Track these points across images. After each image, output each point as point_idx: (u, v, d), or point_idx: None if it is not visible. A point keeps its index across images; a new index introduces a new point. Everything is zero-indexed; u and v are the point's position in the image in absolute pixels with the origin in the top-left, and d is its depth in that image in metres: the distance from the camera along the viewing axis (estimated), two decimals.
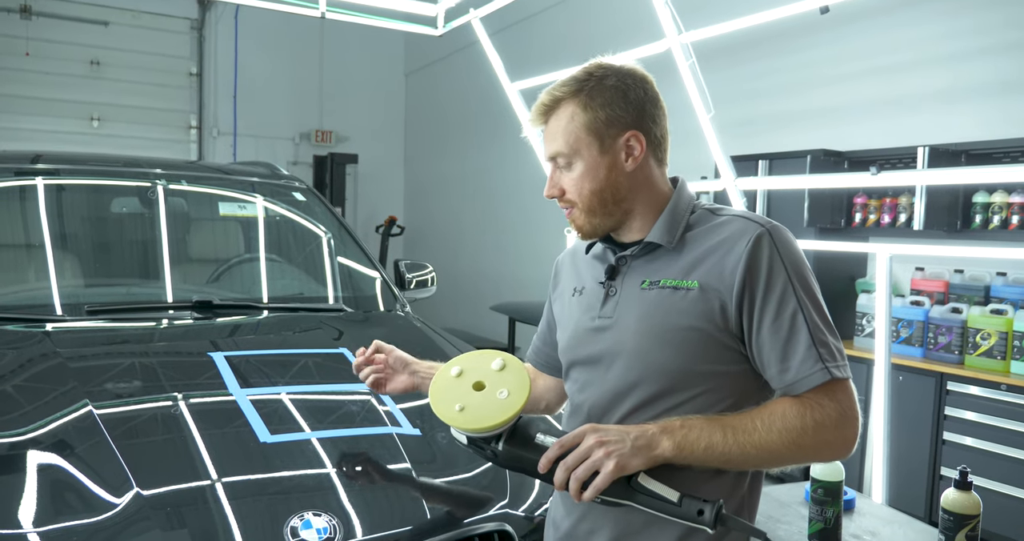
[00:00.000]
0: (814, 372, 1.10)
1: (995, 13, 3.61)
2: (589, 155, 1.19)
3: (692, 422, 1.10)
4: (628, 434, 1.08)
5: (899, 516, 1.76)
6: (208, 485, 1.48)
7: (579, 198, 1.21)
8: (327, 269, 2.98)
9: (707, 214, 1.23)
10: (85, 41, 7.86)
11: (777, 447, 1.09)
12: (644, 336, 1.17)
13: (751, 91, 4.77)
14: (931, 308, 3.61)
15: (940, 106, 3.87)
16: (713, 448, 1.08)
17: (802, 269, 1.16)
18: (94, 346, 2.22)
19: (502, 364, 1.19)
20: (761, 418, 1.10)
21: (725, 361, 1.16)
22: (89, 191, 2.89)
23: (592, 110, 1.18)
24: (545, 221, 6.29)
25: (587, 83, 1.19)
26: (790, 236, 1.18)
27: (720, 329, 1.14)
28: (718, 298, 1.14)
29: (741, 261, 1.13)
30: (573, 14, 6.40)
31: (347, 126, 9.10)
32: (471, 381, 1.18)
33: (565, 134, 1.19)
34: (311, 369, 2.11)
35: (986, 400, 3.27)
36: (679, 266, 1.19)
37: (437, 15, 3.93)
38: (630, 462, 1.06)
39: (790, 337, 1.12)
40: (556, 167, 1.23)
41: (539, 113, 1.22)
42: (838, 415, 1.10)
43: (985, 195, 3.53)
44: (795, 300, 1.12)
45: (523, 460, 1.14)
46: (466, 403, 1.15)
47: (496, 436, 1.15)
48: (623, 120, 1.19)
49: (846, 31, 4.16)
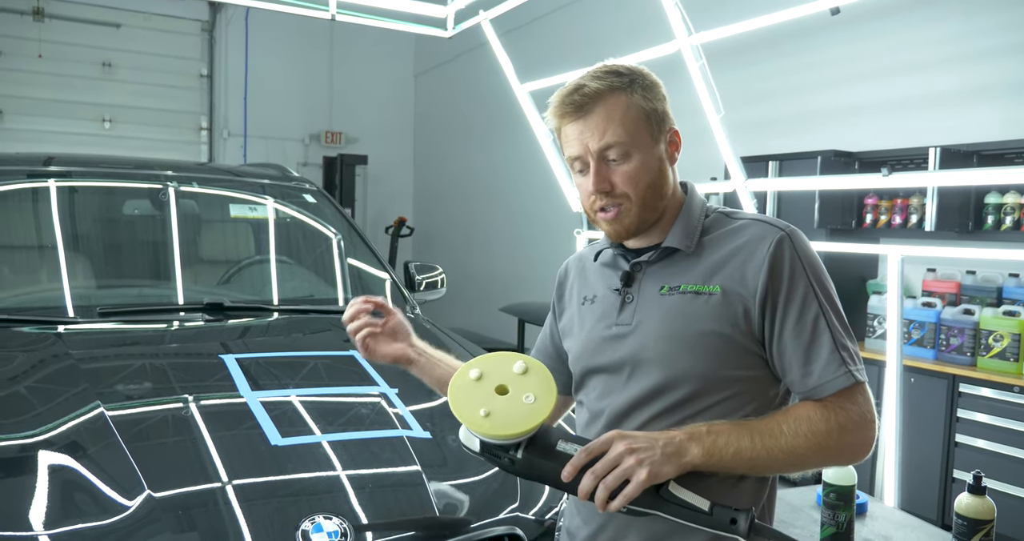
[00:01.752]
0: (838, 376, 1.10)
1: (1005, 14, 3.58)
2: (646, 146, 1.17)
3: (719, 428, 1.09)
4: (657, 441, 1.05)
5: (912, 520, 1.75)
6: (219, 488, 1.48)
7: (635, 191, 1.16)
8: (337, 271, 2.99)
9: (722, 218, 1.23)
10: (97, 43, 7.91)
11: (803, 451, 1.08)
12: (667, 342, 1.15)
13: (761, 92, 4.75)
14: (943, 309, 3.58)
15: (951, 107, 3.85)
16: (741, 454, 1.07)
17: (821, 273, 1.16)
18: (106, 348, 2.23)
19: (524, 367, 1.14)
20: (787, 422, 1.09)
21: (748, 366, 1.15)
22: (101, 193, 2.91)
23: (649, 101, 1.16)
24: (554, 222, 6.28)
25: (631, 77, 1.17)
26: (807, 240, 1.18)
27: (743, 333, 1.14)
28: (741, 302, 1.13)
29: (764, 265, 1.13)
30: (581, 15, 6.39)
31: (357, 127, 9.12)
32: (493, 385, 1.12)
33: (624, 123, 1.15)
34: (321, 371, 2.12)
35: (999, 402, 3.24)
36: (698, 271, 1.18)
37: (447, 17, 3.94)
38: (662, 470, 1.03)
39: (812, 341, 1.11)
40: (603, 161, 1.16)
41: (580, 104, 1.15)
42: (860, 418, 1.10)
43: (997, 196, 3.50)
44: (817, 304, 1.13)
45: (544, 468, 1.09)
46: (491, 408, 1.09)
47: (515, 444, 1.09)
48: (667, 116, 1.19)
49: (855, 32, 4.13)
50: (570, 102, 1.16)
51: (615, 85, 1.15)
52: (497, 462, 1.12)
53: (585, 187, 1.19)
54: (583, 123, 1.16)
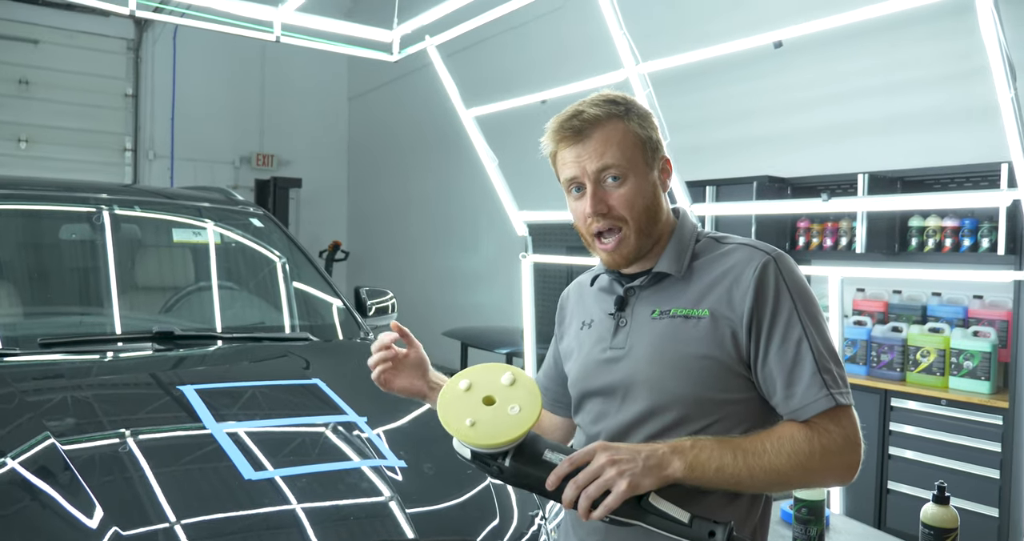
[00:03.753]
0: (819, 398, 1.12)
1: (925, 47, 3.84)
2: (642, 171, 1.21)
3: (703, 443, 1.10)
4: (639, 453, 1.08)
5: (873, 532, 1.82)
6: (192, 524, 1.42)
7: (631, 214, 1.20)
8: (289, 297, 2.92)
9: (712, 243, 1.25)
10: (12, 59, 7.57)
11: (786, 470, 1.09)
12: (658, 365, 1.18)
13: (700, 118, 4.91)
14: (873, 327, 3.77)
15: (877, 135, 4.08)
16: (724, 470, 1.08)
17: (806, 297, 1.18)
18: (53, 379, 2.11)
19: (512, 379, 1.17)
20: (771, 441, 1.11)
21: (737, 389, 1.17)
22: (34, 217, 2.77)
23: (644, 129, 1.21)
24: (498, 247, 6.31)
25: (627, 106, 1.21)
26: (794, 264, 1.21)
27: (731, 357, 1.16)
28: (729, 326, 1.16)
29: (750, 289, 1.15)
30: (527, 40, 6.46)
31: (289, 150, 8.98)
32: (481, 395, 1.16)
33: (621, 147, 1.19)
34: (286, 401, 2.06)
35: (927, 415, 3.42)
36: (689, 295, 1.20)
37: (392, 41, 3.94)
38: (642, 482, 1.06)
39: (795, 363, 1.13)
40: (599, 183, 1.20)
41: (579, 129, 1.19)
42: (843, 441, 1.12)
43: (920, 219, 3.72)
44: (800, 327, 1.14)
45: (530, 477, 1.12)
46: (477, 418, 1.13)
47: (503, 452, 1.13)
48: (660, 145, 1.23)
49: (791, 62, 4.34)
50: (569, 127, 1.20)
51: (612, 112, 1.20)
52: (487, 470, 1.15)
53: (581, 209, 1.22)
54: (581, 147, 1.19)
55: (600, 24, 3.16)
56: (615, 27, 3.05)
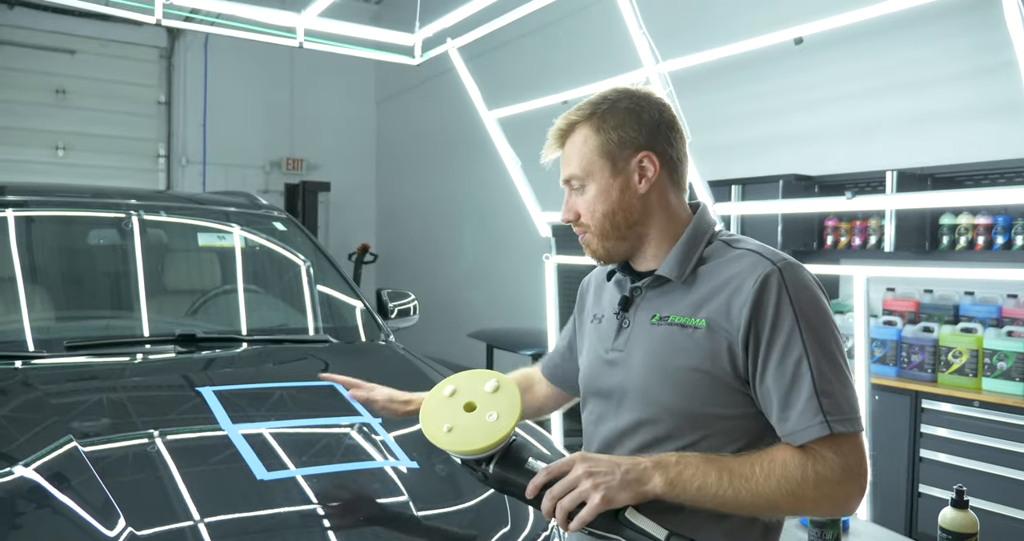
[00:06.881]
0: (812, 425, 1.05)
1: (958, 40, 3.75)
2: (602, 177, 1.18)
3: (688, 459, 1.06)
4: (619, 466, 1.05)
5: (893, 536, 1.79)
6: (205, 524, 1.44)
7: (592, 221, 1.20)
8: (310, 299, 2.95)
9: (723, 247, 1.19)
10: (51, 70, 7.78)
11: (774, 496, 1.04)
12: (650, 374, 1.15)
13: (724, 117, 4.86)
14: (903, 328, 3.69)
15: (906, 132, 4.00)
16: (706, 489, 1.04)
17: (813, 311, 1.09)
18: (77, 382, 2.17)
19: (496, 386, 1.17)
20: (761, 464, 1.05)
21: (733, 404, 1.11)
22: (64, 223, 2.84)
23: (604, 132, 1.18)
24: (523, 248, 6.31)
25: (600, 106, 1.20)
26: (804, 274, 1.13)
27: (726, 371, 1.10)
28: (725, 338, 1.10)
29: (748, 301, 1.08)
30: (548, 42, 6.48)
31: (318, 154, 9.08)
32: (463, 401, 1.16)
33: (579, 157, 1.19)
34: (302, 402, 2.08)
35: (960, 417, 3.34)
36: (688, 302, 1.15)
37: (414, 45, 3.96)
38: (617, 496, 1.03)
39: (793, 385, 1.06)
40: (571, 190, 1.23)
41: (555, 138, 1.23)
42: (841, 469, 1.05)
43: (951, 217, 3.64)
44: (801, 345, 1.06)
45: (512, 484, 1.11)
46: (454, 424, 1.13)
47: (488, 458, 1.13)
48: (636, 141, 1.17)
49: (817, 59, 4.28)
50: (551, 135, 1.24)
51: (579, 118, 1.21)
52: (474, 474, 1.16)
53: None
54: (561, 154, 1.24)
55: (620, 24, 3.14)
56: (634, 27, 3.03)
